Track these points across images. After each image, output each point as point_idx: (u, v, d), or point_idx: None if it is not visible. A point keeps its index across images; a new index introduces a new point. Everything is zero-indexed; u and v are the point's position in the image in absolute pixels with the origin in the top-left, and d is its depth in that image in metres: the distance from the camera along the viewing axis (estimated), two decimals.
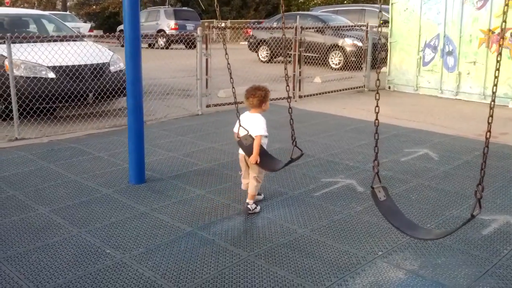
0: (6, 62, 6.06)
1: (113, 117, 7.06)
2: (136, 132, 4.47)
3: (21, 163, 5.13)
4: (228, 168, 5.07)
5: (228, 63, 4.32)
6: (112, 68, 7.22)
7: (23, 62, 6.46)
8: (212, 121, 7.25)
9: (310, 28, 11.45)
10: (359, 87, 10.59)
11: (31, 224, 3.71)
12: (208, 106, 7.94)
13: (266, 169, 4.05)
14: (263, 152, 4.00)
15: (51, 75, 6.65)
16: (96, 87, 6.89)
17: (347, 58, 13.83)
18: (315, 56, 13.22)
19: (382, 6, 11.83)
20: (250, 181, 4.00)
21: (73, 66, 6.75)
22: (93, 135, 6.34)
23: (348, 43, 14.02)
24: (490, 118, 2.54)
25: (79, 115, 7.08)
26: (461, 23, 9.17)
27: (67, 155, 5.45)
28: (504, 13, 2.50)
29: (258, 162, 3.89)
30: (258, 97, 4.06)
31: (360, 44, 12.40)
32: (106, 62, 7.17)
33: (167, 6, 28.25)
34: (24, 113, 6.32)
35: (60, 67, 6.67)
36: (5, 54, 6.02)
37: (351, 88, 10.44)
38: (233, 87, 4.28)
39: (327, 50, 14.18)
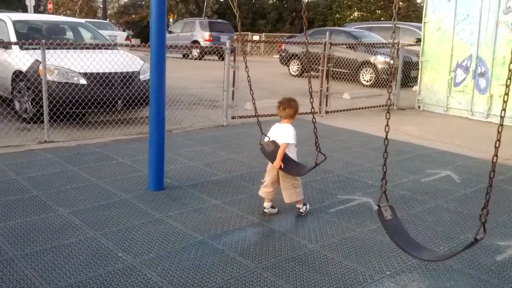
0: (41, 67, 6.30)
1: (140, 124, 7.23)
2: (157, 140, 4.58)
3: (48, 165, 5.32)
4: (245, 180, 5.13)
5: (248, 76, 4.42)
6: (142, 77, 7.41)
7: (56, 68, 6.72)
8: (236, 133, 7.34)
9: (340, 44, 11.46)
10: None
11: (50, 224, 3.85)
12: (233, 117, 8.03)
13: (291, 174, 4.15)
14: (287, 158, 4.10)
15: (83, 81, 6.89)
16: (125, 94, 7.08)
17: (378, 75, 13.77)
18: (346, 72, 13.22)
19: (416, 24, 11.71)
20: (287, 190, 4.16)
21: (104, 73, 6.96)
22: (119, 141, 6.50)
23: (380, 60, 13.96)
24: (498, 142, 2.50)
25: (107, 121, 7.28)
26: (495, 44, 9.02)
27: (92, 159, 5.61)
28: None
29: (282, 167, 4.02)
30: (294, 107, 4.28)
31: (391, 61, 12.32)
32: (136, 71, 7.36)
33: (203, 18, 28.73)
34: (54, 117, 6.55)
35: (91, 73, 6.90)
36: (40, 59, 6.27)
37: (380, 106, 10.35)
38: (253, 99, 4.38)
39: (359, 67, 14.15)
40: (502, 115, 2.43)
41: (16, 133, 6.57)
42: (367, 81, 14.23)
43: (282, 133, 4.12)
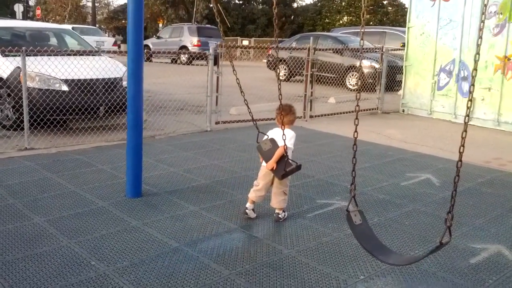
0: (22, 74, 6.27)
1: (122, 130, 7.19)
2: (135, 147, 4.56)
3: (26, 173, 5.28)
4: (225, 186, 5.12)
5: (237, 78, 4.43)
6: (124, 83, 7.38)
7: (37, 74, 6.68)
8: (219, 138, 7.33)
9: (323, 49, 11.51)
10: (373, 109, 10.56)
11: (24, 233, 3.81)
12: (217, 123, 8.03)
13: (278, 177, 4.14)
14: (282, 162, 4.07)
15: (65, 87, 6.85)
16: (107, 101, 7.06)
17: (364, 80, 13.83)
18: (332, 77, 13.27)
19: (402, 28, 11.67)
20: (278, 196, 4.20)
21: (86, 79, 6.94)
22: (101, 148, 6.47)
23: (366, 64, 14.04)
24: (462, 147, 2.54)
25: (89, 128, 7.24)
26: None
27: (71, 166, 5.58)
28: None
29: (274, 169, 4.02)
30: (295, 113, 4.37)
31: (377, 66, 12.39)
32: (118, 77, 7.34)
33: (192, 23, 28.74)
34: (35, 124, 6.51)
35: (73, 80, 6.87)
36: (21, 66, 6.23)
37: (364, 110, 10.39)
38: (245, 99, 4.37)
39: (345, 71, 14.21)
40: (466, 120, 2.43)
41: None
42: (353, 86, 14.29)
43: (284, 137, 4.04)
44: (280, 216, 4.25)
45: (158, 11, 38.19)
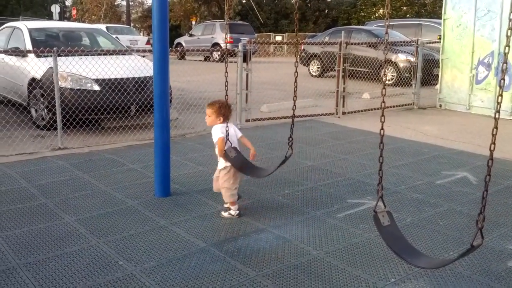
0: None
1: (153, 129, 7.22)
2: (162, 146, 4.57)
3: (58, 172, 5.37)
4: (253, 185, 5.07)
5: (227, 81, 4.81)
6: None
7: (69, 75, 6.79)
8: (249, 136, 7.19)
9: (356, 44, 11.29)
10: (409, 105, 10.29)
11: (54, 233, 3.86)
12: (247, 120, 7.99)
13: (251, 176, 4.35)
14: (243, 160, 4.25)
15: (96, 87, 6.95)
16: (138, 100, 7.11)
17: (400, 74, 13.52)
18: (366, 71, 13.01)
19: (439, 20, 11.32)
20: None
21: (116, 79, 7.01)
22: (132, 147, 6.53)
23: (401, 58, 13.72)
24: (493, 145, 2.40)
25: (120, 127, 7.32)
26: None
27: (102, 165, 5.64)
28: None
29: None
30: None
31: (413, 59, 12.09)
32: (149, 76, 7.39)
33: (225, 20, 28.78)
34: (68, 123, 6.62)
35: (104, 80, 6.96)
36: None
37: (400, 106, 10.15)
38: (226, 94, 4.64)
39: (380, 66, 13.92)
40: (497, 116, 2.30)
41: (30, 141, 6.68)
42: (389, 80, 13.98)
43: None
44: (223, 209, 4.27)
45: (191, 8, 38.44)
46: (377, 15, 38.50)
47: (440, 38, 10.80)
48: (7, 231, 3.86)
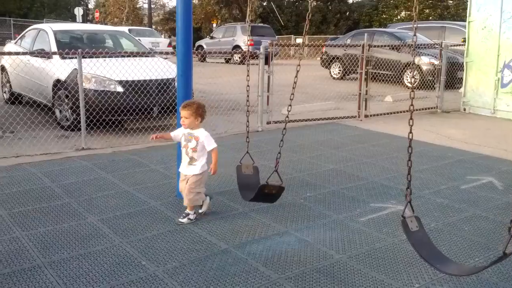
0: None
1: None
2: None
3: (82, 172, 5.43)
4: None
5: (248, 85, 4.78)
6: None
7: (93, 76, 6.88)
8: (270, 138, 7.27)
9: (378, 46, 11.19)
10: (432, 108, 10.15)
11: (78, 232, 3.91)
12: (269, 122, 7.97)
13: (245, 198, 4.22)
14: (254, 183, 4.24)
15: (119, 89, 7.02)
16: (160, 101, 7.17)
17: (423, 77, 13.36)
18: (389, 74, 12.90)
19: (463, 23, 11.18)
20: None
21: (139, 81, 7.07)
22: (154, 148, 6.57)
23: (424, 61, 13.55)
24: None
25: (142, 128, 7.38)
26: None
27: (125, 166, 5.69)
28: None
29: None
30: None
31: (437, 62, 11.94)
32: (171, 78, 7.44)
33: (245, 22, 28.86)
34: (92, 124, 6.70)
35: (127, 81, 7.03)
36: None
37: (423, 109, 10.02)
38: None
39: (403, 68, 13.79)
40: None
41: (55, 141, 6.78)
42: (412, 83, 13.82)
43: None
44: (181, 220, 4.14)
45: (212, 11, 38.64)
46: (399, 17, 38.16)
47: (464, 41, 10.65)
48: (32, 230, 3.92)
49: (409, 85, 13.88)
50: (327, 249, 3.69)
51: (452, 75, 11.02)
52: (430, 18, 34.92)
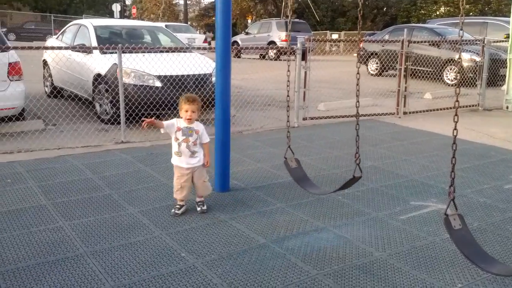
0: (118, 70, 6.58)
1: (212, 125, 7.30)
2: (223, 142, 4.60)
3: (122, 165, 5.53)
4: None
5: (289, 80, 4.27)
6: (214, 79, 7.50)
7: (132, 71, 6.99)
8: (306, 134, 7.23)
9: (418, 42, 10.95)
10: (473, 106, 9.89)
11: (119, 223, 3.98)
12: (305, 118, 7.93)
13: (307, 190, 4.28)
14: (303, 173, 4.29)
15: (158, 83, 7.11)
16: (197, 96, 7.20)
17: (464, 74, 13.03)
18: (428, 71, 12.64)
19: (506, 19, 10.94)
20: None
21: (177, 76, 7.14)
22: None
23: (465, 58, 13.21)
24: None
25: None
26: None
27: (163, 159, 5.75)
28: None
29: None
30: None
31: (478, 59, 11.62)
32: (208, 73, 7.48)
33: (281, 18, 28.77)
34: (131, 118, 6.81)
35: (165, 76, 7.11)
36: (117, 63, 6.54)
37: (464, 106, 9.75)
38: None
39: (442, 65, 13.49)
40: None
41: (95, 134, 6.93)
42: (452, 80, 13.51)
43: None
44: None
45: (247, 7, 38.70)
46: (437, 13, 37.30)
47: (507, 37, 10.32)
48: (75, 220, 4.02)
49: (449, 82, 13.60)
50: (367, 246, 3.65)
51: (495, 72, 10.70)
52: (471, 14, 33.98)
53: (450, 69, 13.62)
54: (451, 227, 2.64)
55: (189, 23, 37.03)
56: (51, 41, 10.87)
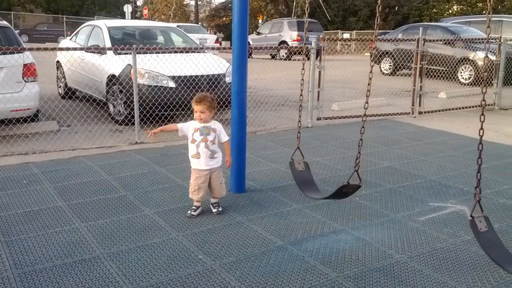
0: (132, 71, 6.57)
1: (225, 126, 7.26)
2: (238, 143, 4.56)
3: (137, 166, 5.52)
4: (328, 184, 4.97)
5: (303, 79, 4.20)
6: (227, 79, 7.49)
7: (147, 72, 6.98)
8: (321, 135, 7.17)
9: (433, 41, 10.83)
10: (489, 105, 9.75)
11: (135, 224, 3.96)
12: (318, 118, 7.87)
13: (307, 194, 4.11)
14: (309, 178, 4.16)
15: (171, 84, 7.09)
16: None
17: (478, 73, 12.88)
18: (442, 70, 12.51)
19: None
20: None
21: (191, 76, 7.12)
22: None
23: (480, 56, 13.05)
24: None
25: None
26: None
27: (178, 160, 5.74)
28: None
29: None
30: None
31: (493, 58, 11.46)
32: (222, 73, 7.45)
33: (292, 18, 28.69)
34: (144, 119, 6.80)
35: (179, 77, 7.09)
36: (131, 63, 6.53)
37: (480, 106, 9.63)
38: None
39: (457, 64, 13.35)
40: None
41: (109, 135, 6.93)
42: (466, 79, 13.36)
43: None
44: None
45: (258, 7, 38.67)
46: (450, 11, 36.97)
47: None
48: (91, 221, 4.00)
49: (463, 81, 13.45)
50: (386, 248, 3.59)
51: (511, 70, 10.55)
52: (484, 12, 33.62)
53: (465, 68, 13.47)
54: (477, 229, 2.58)
55: (199, 23, 37.06)
56: (64, 42, 10.92)
